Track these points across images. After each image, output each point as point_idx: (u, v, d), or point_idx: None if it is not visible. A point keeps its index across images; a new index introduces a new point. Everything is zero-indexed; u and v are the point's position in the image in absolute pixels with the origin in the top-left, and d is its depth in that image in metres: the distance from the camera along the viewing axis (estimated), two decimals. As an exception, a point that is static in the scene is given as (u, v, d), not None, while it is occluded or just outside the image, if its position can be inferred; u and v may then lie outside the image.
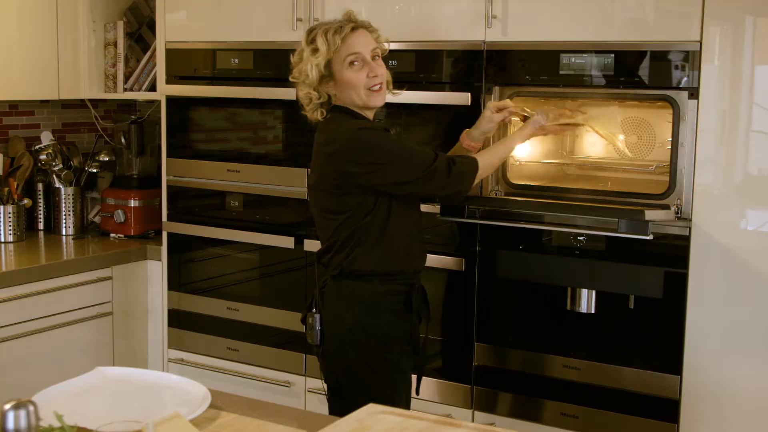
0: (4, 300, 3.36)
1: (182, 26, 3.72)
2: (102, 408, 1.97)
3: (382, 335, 2.59)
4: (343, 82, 2.59)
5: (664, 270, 2.86)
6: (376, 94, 2.60)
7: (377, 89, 2.60)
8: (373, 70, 2.58)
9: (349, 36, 2.57)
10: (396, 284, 2.61)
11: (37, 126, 4.20)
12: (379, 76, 2.59)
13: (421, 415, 1.86)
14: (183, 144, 3.79)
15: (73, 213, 4.10)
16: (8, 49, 3.73)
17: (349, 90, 2.59)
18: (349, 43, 2.57)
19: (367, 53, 2.59)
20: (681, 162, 2.79)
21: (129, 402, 2.00)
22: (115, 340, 3.80)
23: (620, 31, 2.87)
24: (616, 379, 2.95)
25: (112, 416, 1.75)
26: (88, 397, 2.01)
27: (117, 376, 2.12)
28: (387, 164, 2.52)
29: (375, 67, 2.59)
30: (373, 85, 2.59)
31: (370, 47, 2.60)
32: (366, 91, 2.59)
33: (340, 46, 2.56)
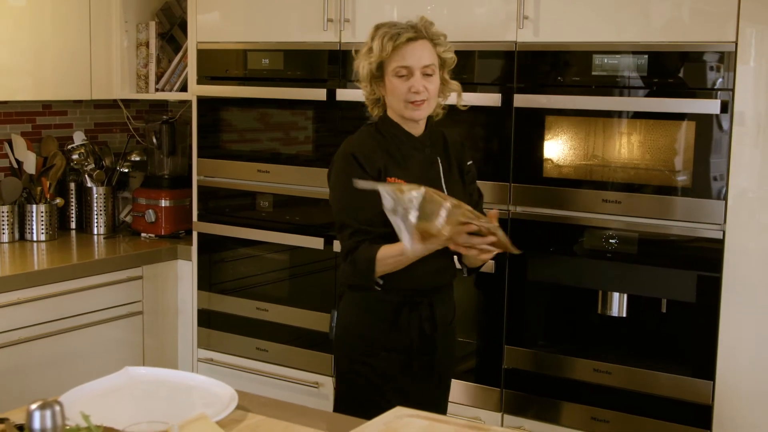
0: (37, 299, 3.38)
1: (214, 27, 3.73)
2: (129, 408, 1.98)
3: (369, 341, 2.58)
4: (389, 88, 2.57)
5: (698, 274, 2.83)
6: (414, 108, 2.54)
7: (417, 104, 2.54)
8: (416, 85, 2.51)
9: (404, 46, 2.51)
10: (391, 295, 2.55)
11: (70, 126, 4.23)
12: (422, 92, 2.52)
13: (449, 419, 1.85)
14: (214, 144, 3.79)
15: (104, 212, 4.12)
16: (42, 49, 3.75)
17: (391, 97, 2.57)
18: (401, 52, 2.52)
19: (417, 67, 2.52)
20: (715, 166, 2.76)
21: (156, 402, 2.01)
22: (146, 339, 3.82)
23: (654, 32, 2.84)
24: (648, 383, 2.91)
25: (139, 416, 1.75)
26: (115, 397, 2.02)
27: (145, 377, 2.13)
28: (332, 201, 2.63)
29: (419, 81, 2.52)
30: (414, 100, 2.53)
31: (424, 61, 2.52)
32: (405, 102, 2.54)
33: (391, 53, 2.51)
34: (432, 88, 2.55)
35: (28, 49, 3.71)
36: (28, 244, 3.86)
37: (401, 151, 2.60)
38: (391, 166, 2.57)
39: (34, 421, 1.39)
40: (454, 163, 2.66)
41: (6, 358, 3.28)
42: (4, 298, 3.28)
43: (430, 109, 2.58)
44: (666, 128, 2.87)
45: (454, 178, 2.64)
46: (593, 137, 3.04)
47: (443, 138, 2.68)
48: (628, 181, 2.92)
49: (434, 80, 2.56)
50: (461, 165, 2.68)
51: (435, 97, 2.59)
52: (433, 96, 2.57)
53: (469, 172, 2.71)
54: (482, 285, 3.19)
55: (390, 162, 2.57)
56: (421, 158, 2.61)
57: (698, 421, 2.84)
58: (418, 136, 2.62)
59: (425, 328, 2.59)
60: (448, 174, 2.64)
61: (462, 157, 2.69)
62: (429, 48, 2.55)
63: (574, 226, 3.01)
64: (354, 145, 2.61)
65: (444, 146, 2.67)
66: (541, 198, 3.05)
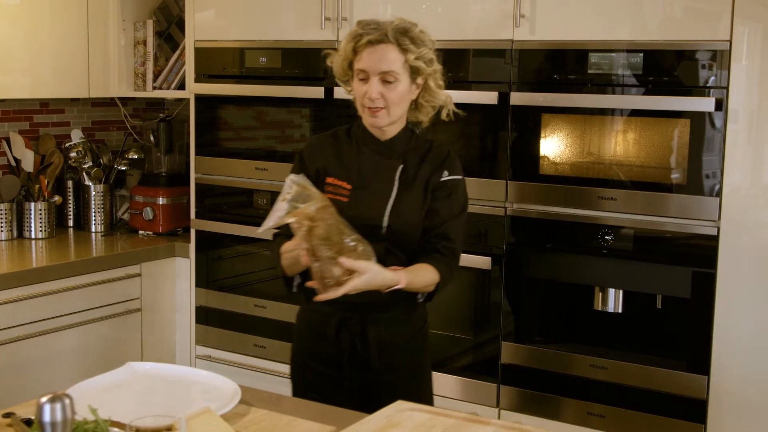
0: (36, 296, 3.39)
1: (211, 25, 3.74)
2: (132, 403, 2.00)
3: (300, 350, 2.54)
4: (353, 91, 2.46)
5: (692, 270, 2.86)
6: (369, 114, 2.39)
7: (373, 111, 2.37)
8: (369, 91, 2.35)
9: (363, 48, 2.36)
10: (323, 305, 2.34)
11: (67, 124, 4.24)
12: (376, 100, 2.35)
13: (450, 412, 1.87)
14: (211, 142, 3.81)
15: (102, 210, 4.13)
16: (39, 48, 3.76)
17: (356, 100, 2.44)
18: (361, 55, 2.37)
19: (374, 72, 2.35)
20: (709, 163, 2.79)
21: (159, 397, 2.03)
22: (144, 336, 3.84)
23: (649, 31, 2.87)
24: (643, 378, 2.94)
25: (142, 411, 1.78)
26: (119, 392, 2.04)
27: (148, 372, 2.15)
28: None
29: (374, 87, 2.35)
30: (369, 106, 2.38)
31: (381, 67, 2.34)
32: (362, 107, 2.41)
33: (356, 55, 2.39)
34: (392, 96, 2.36)
35: (26, 48, 3.72)
36: (26, 242, 3.87)
37: (358, 153, 2.47)
38: (332, 167, 2.45)
39: (45, 413, 1.40)
40: (421, 176, 2.45)
41: (6, 354, 3.30)
42: (4, 296, 3.29)
43: (390, 118, 2.40)
44: (661, 126, 2.90)
45: (410, 190, 2.44)
46: (589, 135, 3.07)
47: (428, 148, 2.49)
48: (624, 178, 2.95)
49: (396, 88, 2.36)
50: (431, 179, 2.45)
51: (397, 106, 2.39)
52: (393, 104, 2.37)
53: (440, 188, 2.46)
54: (479, 281, 3.22)
55: (333, 163, 2.46)
56: (380, 164, 2.45)
57: (693, 416, 2.87)
58: (384, 141, 2.45)
59: (357, 345, 2.42)
60: (406, 184, 2.44)
61: (437, 171, 2.46)
62: (393, 53, 2.35)
63: (570, 223, 3.03)
64: (308, 144, 2.56)
65: (421, 156, 2.48)
66: (537, 195, 3.08)
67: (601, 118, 2.97)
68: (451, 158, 2.50)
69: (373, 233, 2.34)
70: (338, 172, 2.45)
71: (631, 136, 2.95)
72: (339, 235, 2.16)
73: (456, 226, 2.47)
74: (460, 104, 3.14)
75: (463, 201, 2.52)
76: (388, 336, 2.44)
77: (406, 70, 2.37)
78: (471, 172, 3.16)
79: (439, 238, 2.43)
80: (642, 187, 2.92)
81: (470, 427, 1.79)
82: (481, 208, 3.16)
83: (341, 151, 2.49)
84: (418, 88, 2.43)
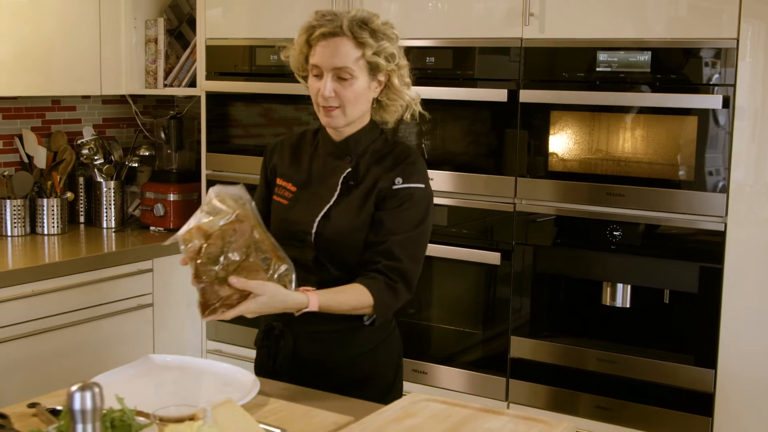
0: (51, 291, 3.43)
1: (222, 23, 3.79)
2: (152, 394, 2.04)
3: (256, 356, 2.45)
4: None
5: (700, 265, 2.89)
6: (324, 113, 2.21)
7: (327, 110, 2.20)
8: (322, 88, 2.17)
9: (317, 42, 2.18)
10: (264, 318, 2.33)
11: (78, 121, 4.28)
12: (330, 99, 2.17)
13: (465, 403, 1.91)
14: (222, 139, 3.85)
15: (113, 206, 4.17)
16: (52, 46, 3.80)
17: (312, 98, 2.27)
18: (313, 50, 2.20)
19: (327, 68, 2.16)
20: (715, 160, 2.82)
21: (179, 388, 2.07)
22: (156, 331, 3.88)
23: (657, 29, 2.90)
24: (651, 372, 2.98)
25: (162, 401, 1.81)
26: (139, 384, 2.07)
27: (167, 363, 2.19)
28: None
29: (327, 85, 2.17)
30: (323, 105, 2.20)
31: (335, 63, 2.16)
32: (317, 106, 2.23)
33: (306, 49, 2.23)
34: (347, 95, 2.17)
35: (39, 46, 3.76)
36: (39, 238, 3.91)
37: (313, 154, 2.33)
38: (283, 167, 2.35)
39: (75, 401, 1.43)
40: (367, 180, 2.24)
41: (21, 348, 3.33)
42: (19, 290, 3.32)
43: (347, 118, 2.21)
44: (669, 123, 2.93)
45: (352, 196, 2.24)
46: (597, 132, 3.11)
47: (389, 151, 2.27)
48: (632, 174, 2.98)
49: (351, 85, 2.17)
50: (378, 184, 2.22)
51: (353, 106, 2.20)
52: (349, 103, 2.18)
53: (390, 197, 2.21)
54: (489, 276, 3.26)
55: (285, 163, 2.34)
56: (329, 166, 2.28)
57: (700, 409, 2.91)
58: (338, 142, 2.27)
59: (290, 358, 2.28)
60: (350, 189, 2.25)
61: (387, 175, 2.22)
62: (348, 47, 2.16)
63: (578, 219, 3.07)
64: (275, 141, 2.44)
65: (377, 160, 2.26)
66: (546, 191, 3.11)
67: (609, 115, 3.01)
68: (410, 163, 2.24)
69: (302, 241, 2.21)
70: (287, 174, 2.33)
71: (638, 133, 2.99)
72: (248, 252, 2.02)
73: (404, 244, 2.18)
74: (469, 102, 3.21)
75: (419, 215, 2.22)
76: (312, 352, 2.25)
77: (364, 66, 2.18)
78: (480, 169, 3.22)
79: (381, 256, 2.17)
80: (650, 184, 2.96)
81: (485, 418, 1.83)
82: (490, 204, 3.20)
83: (299, 152, 2.35)
84: (380, 86, 2.24)
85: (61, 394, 2.01)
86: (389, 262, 2.15)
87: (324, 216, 2.21)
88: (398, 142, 2.34)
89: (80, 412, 1.44)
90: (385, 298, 2.14)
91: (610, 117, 3.01)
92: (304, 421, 1.87)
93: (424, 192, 2.23)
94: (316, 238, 2.20)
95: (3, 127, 3.99)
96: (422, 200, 2.22)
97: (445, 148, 3.36)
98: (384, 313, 2.18)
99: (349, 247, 2.20)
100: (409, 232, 2.19)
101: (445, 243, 3.28)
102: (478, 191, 3.22)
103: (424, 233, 2.23)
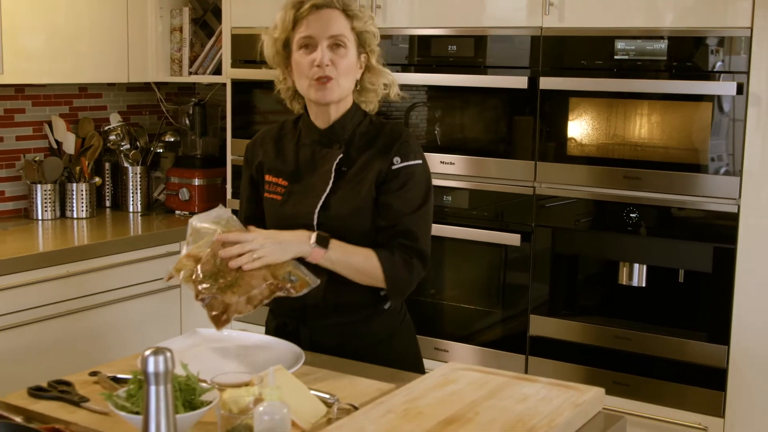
0: (83, 272, 3.54)
1: (247, 12, 3.89)
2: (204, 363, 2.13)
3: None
4: (294, 67, 2.24)
5: (713, 245, 3.00)
6: (320, 88, 2.17)
7: (323, 81, 2.16)
8: (319, 57, 2.15)
9: (307, 15, 2.19)
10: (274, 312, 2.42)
11: (104, 108, 4.39)
12: (326, 67, 2.15)
13: (500, 372, 2.03)
14: (246, 125, 3.96)
15: (140, 191, 4.29)
16: (81, 35, 3.91)
17: (298, 78, 2.23)
18: (302, 23, 2.19)
19: (323, 36, 2.16)
20: (729, 144, 2.93)
21: (228, 359, 2.17)
22: (183, 311, 3.99)
23: (673, 18, 3.00)
24: (666, 349, 3.09)
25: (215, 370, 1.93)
26: (189, 355, 2.17)
27: (214, 336, 2.29)
28: None
29: (324, 54, 2.15)
30: (318, 76, 2.16)
31: (331, 30, 2.17)
32: (309, 81, 2.18)
33: (295, 25, 2.21)
34: (342, 65, 2.18)
35: (68, 36, 3.85)
36: (69, 221, 4.03)
37: (298, 145, 2.31)
38: (270, 163, 2.32)
39: (149, 364, 1.54)
40: (363, 164, 2.24)
41: (55, 328, 3.44)
42: (54, 272, 3.43)
43: (340, 92, 2.21)
44: (684, 109, 3.04)
45: (347, 181, 2.24)
46: (615, 117, 3.21)
47: (378, 132, 2.28)
48: (648, 159, 3.09)
49: (346, 55, 2.19)
50: (376, 167, 2.22)
51: (348, 77, 2.21)
52: (342, 75, 2.19)
53: (392, 179, 2.21)
54: (509, 257, 3.37)
55: (271, 158, 2.33)
56: (318, 154, 2.28)
57: (713, 383, 3.02)
58: (324, 128, 2.26)
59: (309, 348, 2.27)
60: (343, 175, 2.24)
61: (384, 157, 2.22)
62: (340, 19, 2.20)
63: (596, 202, 3.18)
64: (252, 139, 2.43)
65: (368, 141, 2.26)
66: (565, 175, 3.22)
67: (626, 101, 3.11)
68: (404, 141, 2.24)
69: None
70: (274, 169, 2.31)
71: (655, 118, 3.09)
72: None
73: (416, 222, 2.21)
74: (490, 89, 3.32)
75: (423, 191, 2.24)
76: (331, 342, 2.27)
77: (354, 39, 2.22)
78: (501, 153, 3.32)
79: (396, 237, 2.19)
80: (665, 168, 3.06)
81: (519, 384, 1.94)
82: (510, 187, 3.31)
83: (282, 145, 2.33)
84: (361, 68, 2.27)
85: (115, 365, 2.13)
86: (406, 241, 2.19)
87: (323, 206, 2.22)
88: (384, 122, 2.32)
89: (154, 374, 1.54)
90: (399, 274, 2.18)
91: (627, 103, 3.12)
92: (349, 388, 1.97)
93: (423, 167, 2.25)
94: (318, 228, 2.20)
95: (33, 114, 4.10)
96: (423, 176, 2.25)
97: (467, 133, 3.47)
98: (401, 289, 2.22)
99: (353, 230, 2.21)
100: (418, 210, 2.22)
101: (467, 225, 3.39)
102: (499, 175, 3.33)
103: (430, 207, 2.26)
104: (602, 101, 3.16)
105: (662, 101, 3.07)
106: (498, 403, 1.82)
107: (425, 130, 3.51)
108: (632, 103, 3.11)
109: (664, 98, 3.06)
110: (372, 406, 1.80)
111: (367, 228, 2.22)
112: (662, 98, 3.06)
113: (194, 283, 2.12)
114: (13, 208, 4.06)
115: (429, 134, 3.50)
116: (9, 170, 4.03)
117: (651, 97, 3.08)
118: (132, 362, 2.12)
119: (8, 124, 4.02)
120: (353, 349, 2.25)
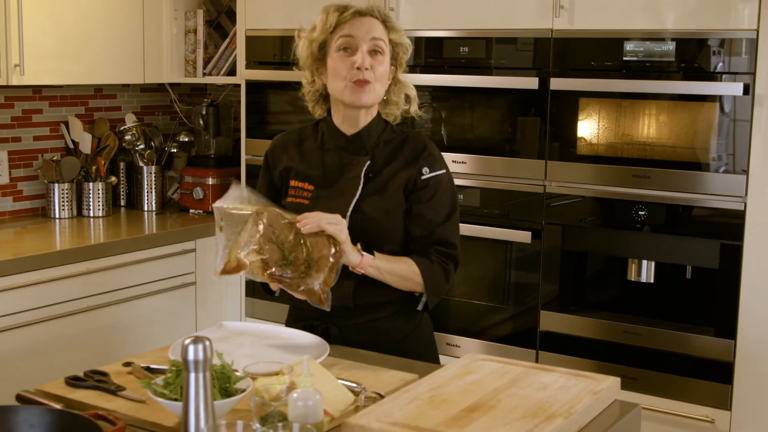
0: (101, 269, 3.60)
1: (261, 14, 3.96)
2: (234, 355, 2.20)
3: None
4: (330, 69, 2.27)
5: (720, 242, 3.07)
6: (356, 89, 2.23)
7: (361, 83, 2.22)
8: (359, 60, 2.21)
9: (349, 19, 2.26)
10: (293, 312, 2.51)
11: (119, 109, 4.46)
12: (366, 71, 2.21)
13: (518, 362, 2.10)
14: (259, 125, 4.03)
15: (155, 190, 4.36)
16: (97, 37, 3.97)
17: (333, 80, 2.26)
18: (343, 27, 2.26)
19: (364, 39, 2.23)
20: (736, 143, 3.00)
21: (256, 349, 2.23)
22: (198, 308, 4.06)
23: (681, 20, 3.07)
24: (674, 343, 3.16)
25: (245, 361, 1.99)
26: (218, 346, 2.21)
27: (239, 329, 2.37)
28: None
29: (363, 57, 2.22)
30: (357, 78, 2.22)
31: (371, 35, 2.24)
32: (346, 83, 2.23)
33: (335, 29, 2.27)
34: (380, 71, 2.25)
35: (84, 38, 3.92)
36: (86, 220, 4.10)
37: (322, 151, 2.35)
38: (295, 168, 2.35)
39: (189, 352, 1.61)
40: (391, 173, 2.30)
41: (74, 325, 3.51)
42: (72, 269, 3.50)
43: (374, 97, 2.27)
44: (691, 109, 3.11)
45: (377, 188, 2.30)
46: (623, 117, 3.28)
47: (403, 141, 2.35)
48: (656, 157, 3.16)
49: (383, 62, 2.26)
50: (405, 176, 2.30)
51: (382, 84, 2.28)
52: (379, 80, 2.26)
53: (421, 188, 2.30)
54: (519, 254, 3.44)
55: (296, 163, 2.36)
56: (345, 161, 2.32)
57: (720, 377, 3.09)
58: (351, 135, 2.32)
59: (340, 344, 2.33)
60: (373, 181, 2.30)
61: (413, 167, 2.30)
62: (380, 27, 2.27)
63: (605, 200, 3.25)
64: (272, 144, 2.44)
65: (394, 150, 2.33)
66: (574, 174, 3.29)
67: (635, 101, 3.18)
68: (429, 152, 2.33)
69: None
70: (301, 174, 2.34)
71: (662, 118, 3.16)
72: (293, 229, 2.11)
73: (449, 229, 2.32)
74: (502, 89, 3.39)
75: (451, 199, 2.34)
76: (360, 341, 2.33)
77: (389, 49, 2.29)
78: (512, 153, 3.40)
79: (434, 246, 2.30)
80: (673, 166, 3.13)
81: (538, 374, 2.01)
82: (521, 186, 3.38)
83: (305, 150, 2.37)
84: (389, 80, 2.33)
85: (146, 356, 2.20)
86: (442, 248, 2.30)
87: (354, 209, 2.26)
88: (405, 131, 2.39)
89: (194, 362, 1.62)
90: (437, 280, 2.29)
91: (635, 103, 3.19)
92: (373, 378, 2.05)
93: (448, 176, 2.36)
94: (350, 230, 2.19)
95: (50, 114, 4.17)
96: (449, 185, 2.35)
97: (478, 133, 3.54)
98: (437, 293, 2.32)
99: (384, 232, 2.28)
100: (449, 219, 2.33)
101: (478, 223, 3.46)
102: (509, 174, 3.40)
103: (458, 214, 2.38)
104: (611, 101, 3.23)
105: (670, 101, 3.13)
106: (519, 392, 1.90)
107: (437, 131, 3.58)
108: (640, 104, 3.18)
109: (672, 98, 3.12)
110: (398, 394, 1.88)
111: (396, 230, 2.30)
112: (670, 98, 3.13)
113: (272, 276, 2.16)
114: (30, 206, 4.13)
115: (440, 134, 3.57)
116: (27, 170, 4.10)
117: (659, 98, 3.14)
118: (162, 353, 2.19)
119: (26, 125, 4.09)
120: (380, 345, 2.33)
